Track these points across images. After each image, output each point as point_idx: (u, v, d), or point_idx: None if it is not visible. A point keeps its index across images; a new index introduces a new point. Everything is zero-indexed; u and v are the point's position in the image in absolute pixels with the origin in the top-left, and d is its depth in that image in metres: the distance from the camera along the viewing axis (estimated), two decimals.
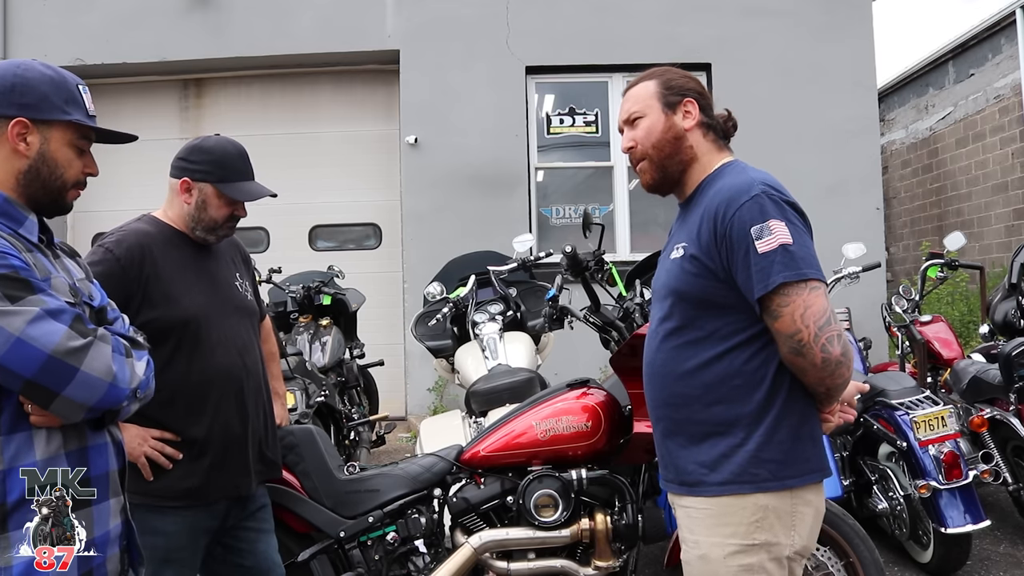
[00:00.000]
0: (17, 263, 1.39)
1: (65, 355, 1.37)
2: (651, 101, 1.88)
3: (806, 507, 1.75)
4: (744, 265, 1.68)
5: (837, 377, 1.69)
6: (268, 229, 7.50)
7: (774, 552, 1.73)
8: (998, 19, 8.88)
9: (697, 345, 1.77)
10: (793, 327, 1.65)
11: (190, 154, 2.26)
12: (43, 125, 1.51)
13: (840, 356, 1.66)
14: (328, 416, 4.66)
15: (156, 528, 2.04)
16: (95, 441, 1.51)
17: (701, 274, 1.76)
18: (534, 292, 4.49)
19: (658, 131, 1.87)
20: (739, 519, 1.72)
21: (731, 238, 1.70)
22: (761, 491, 1.71)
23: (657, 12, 7.14)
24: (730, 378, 1.74)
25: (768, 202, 1.69)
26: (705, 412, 1.76)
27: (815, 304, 1.65)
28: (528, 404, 2.80)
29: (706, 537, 1.76)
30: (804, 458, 1.74)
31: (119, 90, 7.43)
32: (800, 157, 6.83)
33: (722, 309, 1.75)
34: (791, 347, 1.67)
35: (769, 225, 1.67)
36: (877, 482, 3.69)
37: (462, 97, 7.14)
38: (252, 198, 2.28)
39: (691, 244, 1.78)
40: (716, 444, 1.75)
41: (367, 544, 2.67)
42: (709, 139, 1.89)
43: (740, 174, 1.79)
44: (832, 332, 1.66)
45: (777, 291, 1.65)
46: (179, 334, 2.13)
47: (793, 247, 1.66)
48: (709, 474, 1.75)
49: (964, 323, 7.42)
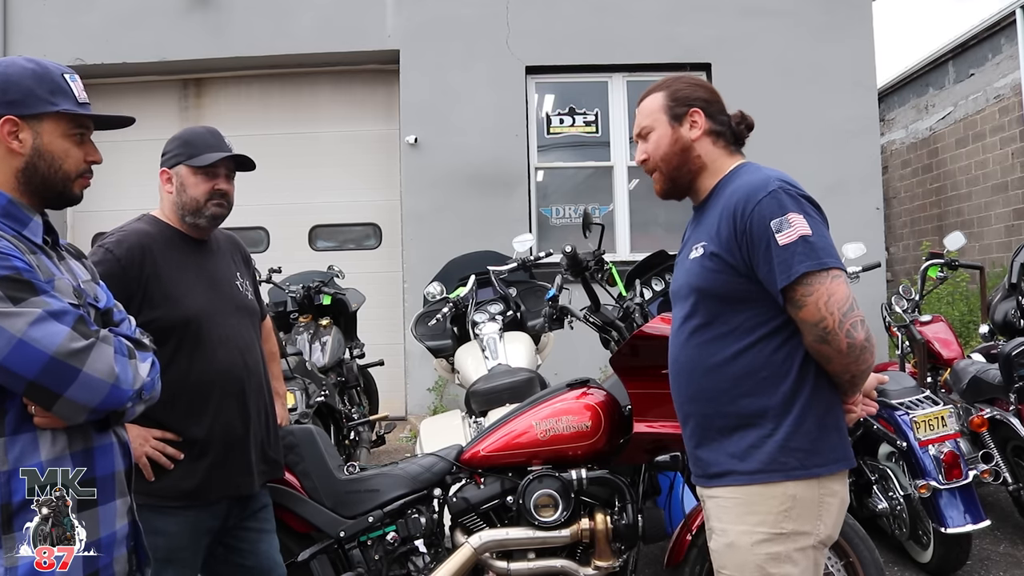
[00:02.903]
0: (20, 264, 1.39)
1: (67, 356, 1.37)
2: (658, 115, 1.93)
3: (832, 497, 1.79)
4: (766, 258, 1.72)
5: (862, 363, 1.73)
6: (268, 229, 7.50)
7: (800, 541, 1.76)
8: (998, 19, 8.88)
9: (722, 340, 1.81)
10: (818, 315, 1.69)
11: (164, 147, 2.30)
12: (33, 120, 1.50)
13: (864, 341, 1.71)
14: (328, 416, 4.65)
15: (157, 528, 2.04)
16: (100, 442, 1.51)
17: (722, 270, 1.79)
18: (534, 292, 4.49)
19: (665, 144, 1.91)
20: (768, 508, 1.76)
21: (751, 233, 1.74)
22: (790, 479, 1.75)
23: (657, 12, 7.13)
24: (757, 370, 1.78)
25: (785, 196, 1.74)
26: (733, 405, 1.80)
27: (838, 291, 1.70)
28: (528, 404, 2.80)
29: (734, 526, 1.80)
30: (830, 447, 1.78)
31: (119, 90, 7.43)
32: (800, 157, 6.83)
33: (745, 303, 1.79)
34: (816, 335, 1.71)
35: (788, 218, 1.72)
36: (877, 482, 3.69)
37: (462, 97, 7.13)
38: (216, 159, 2.21)
39: (711, 242, 1.82)
40: (745, 435, 1.79)
41: (367, 544, 2.67)
42: (719, 146, 1.92)
43: (755, 172, 1.84)
44: (856, 318, 1.70)
45: (800, 281, 1.70)
46: (180, 334, 2.13)
47: (813, 238, 1.71)
48: (739, 464, 1.79)
49: (964, 323, 7.41)
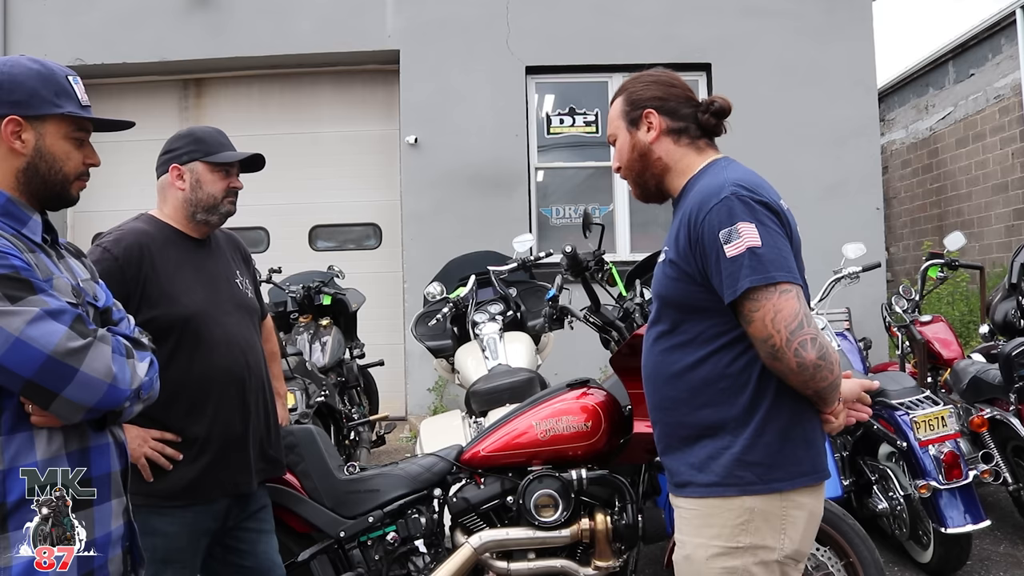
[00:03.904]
0: (18, 263, 1.38)
1: (64, 355, 1.37)
2: (618, 121, 1.89)
3: (798, 510, 1.71)
4: (716, 270, 1.66)
5: (819, 380, 1.63)
6: (268, 229, 7.50)
7: (761, 556, 1.69)
8: (998, 19, 8.88)
9: (683, 348, 1.76)
10: (765, 332, 1.61)
11: (171, 144, 2.30)
12: (36, 121, 1.50)
13: (816, 360, 1.60)
14: (328, 416, 4.65)
15: (156, 529, 2.04)
16: (97, 442, 1.50)
17: (681, 279, 1.74)
18: (534, 292, 4.48)
19: (626, 151, 1.88)
20: (723, 521, 1.70)
21: (703, 243, 1.67)
22: (747, 494, 1.68)
23: (657, 12, 7.13)
24: (715, 381, 1.72)
25: (737, 204, 1.65)
26: (693, 415, 1.75)
27: (785, 308, 1.60)
28: (528, 404, 2.80)
29: (691, 538, 1.76)
30: (794, 460, 1.70)
31: (119, 90, 7.43)
32: (800, 157, 6.84)
33: (704, 312, 1.73)
34: (766, 352, 1.63)
35: (737, 228, 1.62)
36: (877, 482, 3.69)
37: (462, 97, 7.13)
38: (239, 157, 2.30)
39: (671, 249, 1.77)
40: (704, 446, 1.74)
41: (367, 544, 2.67)
42: (683, 144, 1.84)
43: (716, 175, 1.74)
44: (805, 336, 1.60)
45: (746, 296, 1.62)
46: (179, 332, 2.13)
47: (761, 250, 1.61)
48: (697, 475, 1.74)
49: (964, 323, 7.41)
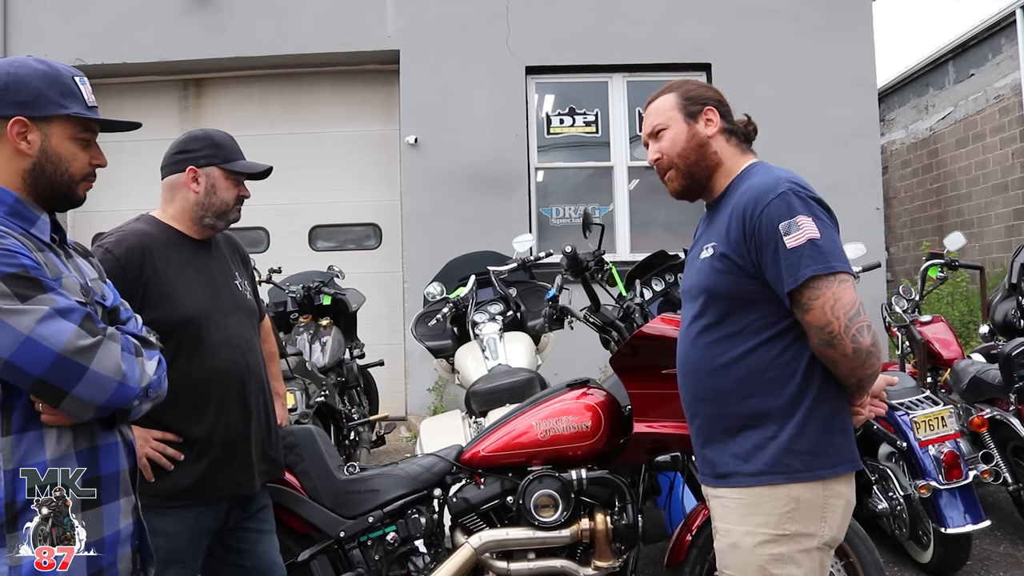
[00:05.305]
0: (28, 262, 1.39)
1: (74, 354, 1.37)
2: (673, 112, 1.95)
3: (837, 499, 1.80)
4: (774, 261, 1.73)
5: (868, 367, 1.73)
6: (268, 229, 7.50)
7: (804, 543, 1.78)
8: (998, 19, 8.88)
9: (730, 340, 1.82)
10: (824, 319, 1.70)
11: (187, 144, 2.29)
12: (42, 122, 1.50)
13: (870, 346, 1.71)
14: (328, 416, 4.65)
15: (157, 529, 2.02)
16: (105, 441, 1.51)
17: (731, 271, 1.81)
18: (534, 292, 4.48)
19: (682, 140, 1.93)
20: (771, 509, 1.77)
21: (760, 235, 1.74)
22: (794, 481, 1.76)
23: (657, 12, 7.13)
24: (762, 371, 1.79)
25: (795, 199, 1.74)
26: (739, 406, 1.81)
27: (844, 296, 1.70)
28: (528, 404, 2.80)
29: (738, 526, 1.81)
30: (835, 449, 1.79)
31: (119, 90, 7.42)
32: (800, 157, 6.81)
33: (753, 304, 1.80)
34: (822, 339, 1.71)
35: (797, 221, 1.72)
36: (877, 482, 3.68)
37: (462, 97, 7.13)
38: (257, 169, 2.32)
39: (720, 243, 1.83)
40: (750, 436, 1.80)
41: (367, 544, 2.67)
42: (732, 144, 1.95)
43: (767, 173, 1.84)
44: (862, 323, 1.70)
45: (807, 284, 1.70)
46: (180, 334, 2.13)
47: (821, 241, 1.71)
48: (743, 465, 1.80)
49: (964, 323, 7.41)
